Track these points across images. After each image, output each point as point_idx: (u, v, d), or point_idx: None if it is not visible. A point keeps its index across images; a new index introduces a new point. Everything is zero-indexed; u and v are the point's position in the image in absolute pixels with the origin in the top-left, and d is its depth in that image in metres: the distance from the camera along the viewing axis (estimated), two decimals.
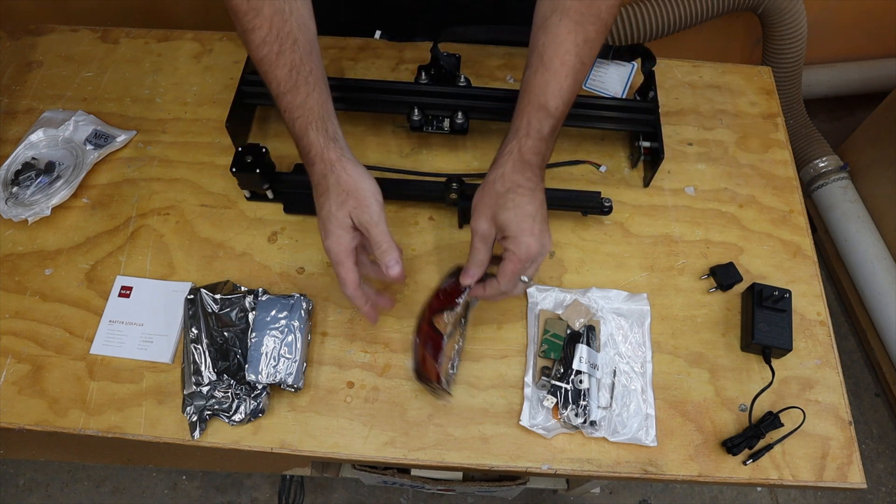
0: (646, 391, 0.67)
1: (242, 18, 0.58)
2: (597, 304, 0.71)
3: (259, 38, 0.58)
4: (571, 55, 0.59)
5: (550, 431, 0.64)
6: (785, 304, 0.69)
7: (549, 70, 0.59)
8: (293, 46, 0.59)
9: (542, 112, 0.59)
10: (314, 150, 0.59)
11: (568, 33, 0.59)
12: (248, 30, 0.58)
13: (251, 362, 0.65)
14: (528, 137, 0.59)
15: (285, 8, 0.58)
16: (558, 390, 0.65)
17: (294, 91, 0.59)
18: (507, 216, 0.58)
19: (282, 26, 0.58)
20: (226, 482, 1.44)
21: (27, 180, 0.78)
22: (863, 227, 1.54)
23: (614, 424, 0.65)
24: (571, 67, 0.59)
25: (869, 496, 1.45)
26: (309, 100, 0.59)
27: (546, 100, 0.59)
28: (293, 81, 0.59)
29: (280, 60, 0.58)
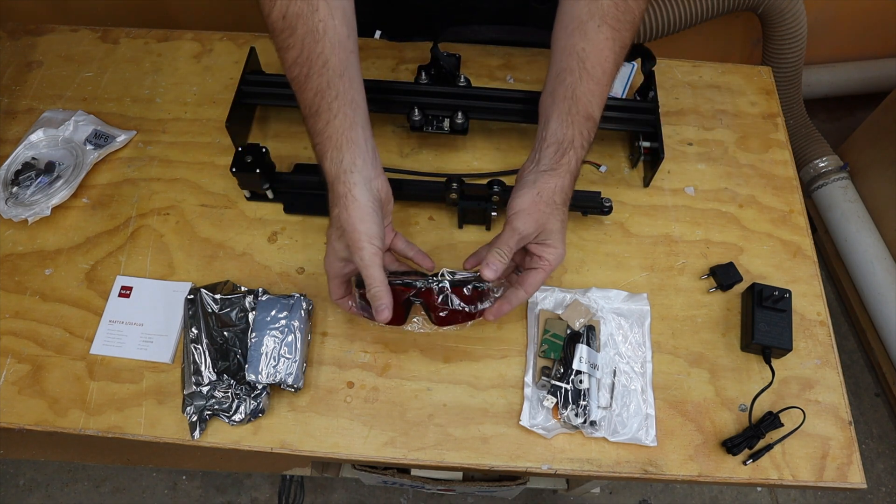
0: (646, 391, 0.67)
1: (278, 36, 0.58)
2: (597, 304, 0.71)
3: (291, 58, 0.58)
4: (611, 63, 0.60)
5: (550, 431, 0.64)
6: (785, 304, 0.69)
7: (593, 79, 0.60)
8: (322, 69, 0.57)
9: (590, 123, 0.61)
10: (328, 179, 0.60)
11: (607, 40, 0.60)
12: (283, 48, 0.58)
13: (251, 362, 0.65)
14: (581, 149, 0.61)
15: (319, 28, 0.57)
16: (558, 390, 0.65)
17: (315, 117, 0.59)
18: (555, 227, 0.60)
19: (313, 47, 0.57)
20: (226, 482, 1.45)
21: (27, 180, 0.78)
22: (863, 227, 1.54)
23: (614, 424, 0.65)
24: (611, 76, 0.61)
25: (869, 496, 1.45)
26: (328, 127, 0.58)
27: (593, 110, 0.61)
28: (316, 107, 0.58)
29: (307, 84, 0.58)
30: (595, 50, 0.60)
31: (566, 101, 0.61)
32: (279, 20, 0.57)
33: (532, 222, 0.60)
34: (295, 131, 0.84)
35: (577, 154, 0.60)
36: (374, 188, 0.59)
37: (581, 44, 0.60)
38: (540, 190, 0.59)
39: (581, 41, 0.60)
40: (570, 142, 0.60)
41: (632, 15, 0.60)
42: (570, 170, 0.60)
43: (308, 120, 0.60)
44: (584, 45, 0.60)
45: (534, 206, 0.59)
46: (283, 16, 0.57)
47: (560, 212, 0.60)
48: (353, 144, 0.59)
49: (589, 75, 0.60)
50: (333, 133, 0.58)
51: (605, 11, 0.60)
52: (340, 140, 0.58)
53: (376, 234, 0.58)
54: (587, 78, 0.60)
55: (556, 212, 0.60)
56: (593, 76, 0.60)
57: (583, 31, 0.60)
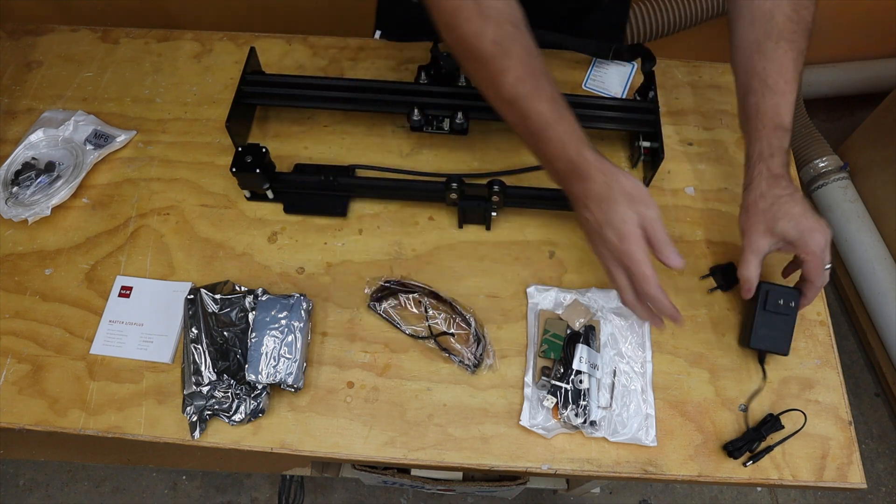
0: (646, 391, 0.67)
1: (490, 62, 0.58)
2: (597, 303, 0.71)
3: (514, 77, 0.58)
4: (792, 71, 0.65)
5: (550, 431, 0.64)
6: (789, 310, 0.68)
7: (776, 93, 0.65)
8: (548, 79, 0.60)
9: (779, 131, 0.65)
10: (592, 166, 0.60)
11: (785, 53, 0.65)
12: (499, 73, 0.59)
13: (251, 362, 0.65)
14: (772, 157, 0.65)
15: (530, 44, 0.59)
16: (558, 390, 0.65)
17: (557, 121, 0.60)
18: (783, 225, 0.63)
19: (532, 62, 0.59)
20: (226, 482, 1.45)
21: (27, 180, 0.78)
22: (863, 227, 1.54)
23: (614, 424, 0.65)
24: (795, 83, 0.65)
25: (869, 496, 1.45)
26: (573, 124, 0.60)
27: (781, 119, 0.65)
28: (557, 112, 0.60)
29: (540, 95, 0.59)
30: (775, 67, 0.65)
31: (752, 121, 0.66)
32: (491, 47, 0.58)
33: (753, 234, 0.65)
34: (295, 131, 0.84)
35: (768, 162, 0.65)
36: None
37: (761, 63, 0.65)
38: (747, 206, 0.66)
39: (761, 61, 0.65)
40: (758, 155, 0.66)
41: (805, 23, 0.65)
42: (763, 177, 0.65)
43: (547, 129, 0.60)
44: (764, 64, 0.65)
45: (748, 222, 0.66)
46: (494, 42, 0.57)
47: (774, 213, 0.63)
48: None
49: (771, 90, 0.65)
50: (580, 128, 0.61)
51: (780, 28, 0.64)
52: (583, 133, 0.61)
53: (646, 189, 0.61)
54: (769, 93, 0.65)
55: (770, 215, 0.64)
56: (776, 90, 0.65)
57: (761, 51, 0.65)
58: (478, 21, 0.57)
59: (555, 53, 0.90)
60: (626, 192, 0.60)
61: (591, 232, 0.63)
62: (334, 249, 0.75)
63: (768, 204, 0.64)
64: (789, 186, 0.65)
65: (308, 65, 0.89)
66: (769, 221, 0.64)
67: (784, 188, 0.64)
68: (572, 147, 0.60)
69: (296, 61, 0.90)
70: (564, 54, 0.90)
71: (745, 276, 0.66)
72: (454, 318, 0.70)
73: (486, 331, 0.69)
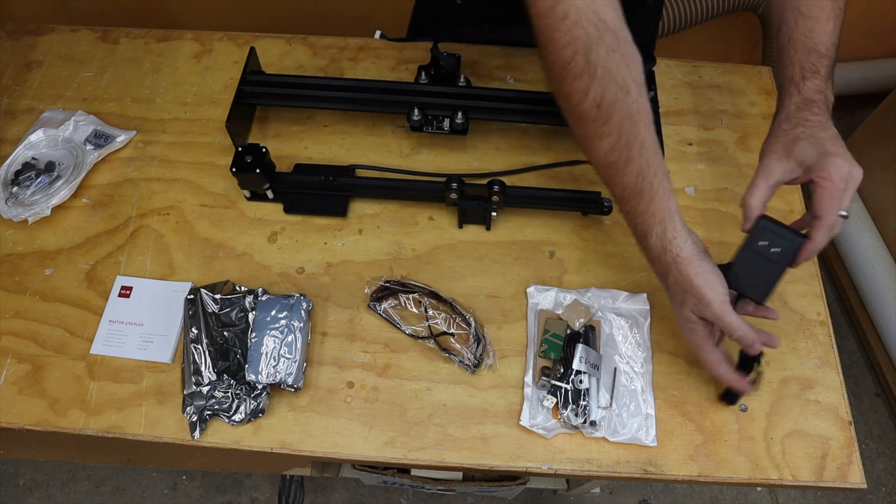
0: (646, 391, 0.67)
1: (590, 125, 0.56)
2: (597, 303, 0.71)
3: (608, 145, 0.56)
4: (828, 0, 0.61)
5: (550, 431, 0.64)
6: (781, 257, 0.59)
7: (809, 18, 0.61)
8: (641, 150, 0.56)
9: (813, 55, 0.61)
10: (653, 254, 0.60)
11: None
12: (597, 137, 0.56)
13: (251, 362, 0.65)
14: (804, 80, 0.61)
15: (633, 109, 0.55)
16: (558, 390, 0.65)
17: (637, 198, 0.58)
18: (802, 147, 0.58)
19: (631, 130, 0.55)
20: (226, 482, 1.44)
21: (27, 180, 0.78)
22: (863, 227, 1.54)
23: (614, 424, 0.65)
24: (831, 11, 0.61)
25: (869, 496, 1.45)
26: (651, 205, 0.58)
27: (815, 43, 0.61)
28: (637, 189, 0.57)
29: (628, 168, 0.57)
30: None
31: (785, 50, 0.63)
32: (593, 109, 0.55)
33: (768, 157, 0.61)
34: (295, 131, 0.84)
35: (799, 86, 0.61)
36: (692, 244, 0.59)
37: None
38: (770, 132, 0.62)
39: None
40: (790, 80, 0.62)
41: None
42: (792, 99, 0.61)
43: (628, 202, 0.59)
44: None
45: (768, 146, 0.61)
46: (597, 104, 0.54)
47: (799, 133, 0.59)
48: (674, 213, 0.59)
49: (804, 17, 0.61)
50: (657, 210, 0.58)
51: None
52: (663, 214, 0.58)
53: (716, 281, 0.58)
54: (802, 19, 0.62)
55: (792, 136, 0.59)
56: (809, 16, 0.61)
57: None
58: (584, 79, 0.53)
59: None
60: (680, 287, 0.59)
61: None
62: (334, 249, 0.75)
63: (792, 125, 0.60)
64: (821, 114, 0.60)
65: (308, 65, 0.90)
66: (789, 143, 0.59)
67: (815, 114, 0.59)
68: (640, 229, 0.59)
69: (296, 61, 0.90)
70: None
71: (747, 203, 0.61)
72: (454, 318, 0.70)
73: (486, 331, 0.69)
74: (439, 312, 0.70)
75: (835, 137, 0.58)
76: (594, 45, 0.52)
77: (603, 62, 0.53)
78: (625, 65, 0.54)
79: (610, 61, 0.53)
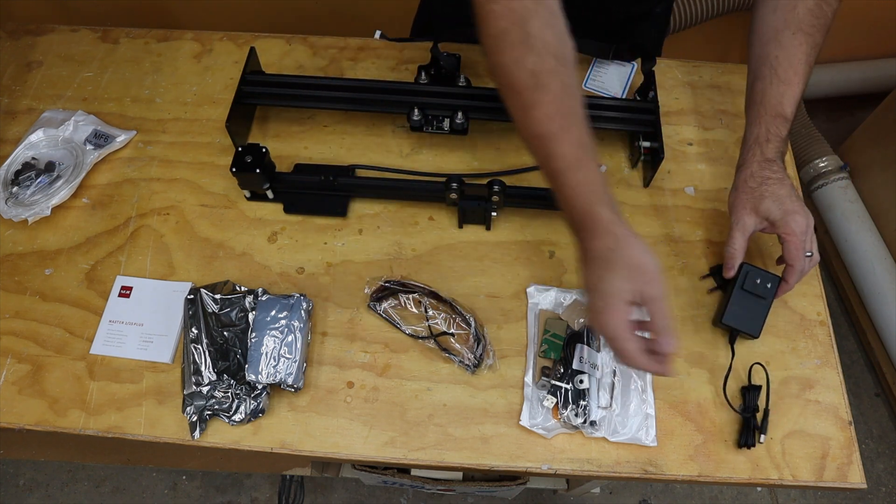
0: (646, 391, 0.67)
1: (523, 93, 0.56)
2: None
3: (543, 114, 0.56)
4: (803, 65, 0.66)
5: (550, 431, 0.64)
6: (767, 292, 0.68)
7: (783, 82, 0.66)
8: (579, 122, 0.57)
9: (779, 119, 0.67)
10: (601, 225, 0.57)
11: (800, 45, 0.66)
12: (531, 105, 0.56)
13: (251, 362, 0.65)
14: (768, 143, 0.67)
15: (570, 82, 0.56)
16: (558, 390, 0.65)
17: (577, 167, 0.57)
18: (768, 204, 0.65)
19: (568, 101, 0.56)
20: (226, 482, 1.44)
21: (27, 180, 0.78)
22: (863, 227, 1.54)
23: (614, 424, 0.65)
24: (803, 76, 0.67)
25: (869, 496, 1.45)
26: (593, 174, 0.57)
27: (783, 109, 0.67)
28: (578, 158, 0.57)
29: (566, 137, 0.56)
30: (787, 56, 0.67)
31: (756, 106, 0.68)
32: (528, 78, 0.55)
33: (740, 212, 0.67)
34: (295, 131, 0.84)
35: (763, 147, 0.67)
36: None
37: (775, 52, 0.67)
38: (737, 185, 0.68)
39: (775, 49, 0.67)
40: (755, 139, 0.68)
41: (826, 18, 0.66)
42: (756, 158, 0.67)
43: (566, 172, 0.57)
44: (777, 52, 0.67)
45: (737, 200, 0.68)
46: (532, 73, 0.55)
47: (761, 192, 0.66)
48: (610, 190, 0.59)
49: (779, 79, 0.66)
50: (598, 179, 0.58)
51: (800, 19, 0.66)
52: (604, 185, 0.58)
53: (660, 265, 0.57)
54: (777, 81, 0.66)
55: (758, 193, 0.66)
56: (784, 79, 0.66)
57: (777, 40, 0.67)
58: (520, 49, 0.55)
59: None
60: (631, 263, 0.56)
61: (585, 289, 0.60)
62: (334, 249, 0.75)
63: (757, 183, 0.66)
64: (779, 171, 0.67)
65: (308, 65, 0.90)
66: (755, 200, 0.66)
67: (774, 171, 0.66)
68: (586, 199, 0.57)
69: (296, 61, 0.90)
70: None
71: (729, 253, 0.68)
72: (454, 318, 0.70)
73: (486, 331, 0.69)
74: (439, 312, 0.70)
75: (792, 192, 0.66)
76: (531, 17, 0.54)
77: (539, 33, 0.55)
78: (562, 40, 0.56)
79: (546, 34, 0.55)
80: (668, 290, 0.62)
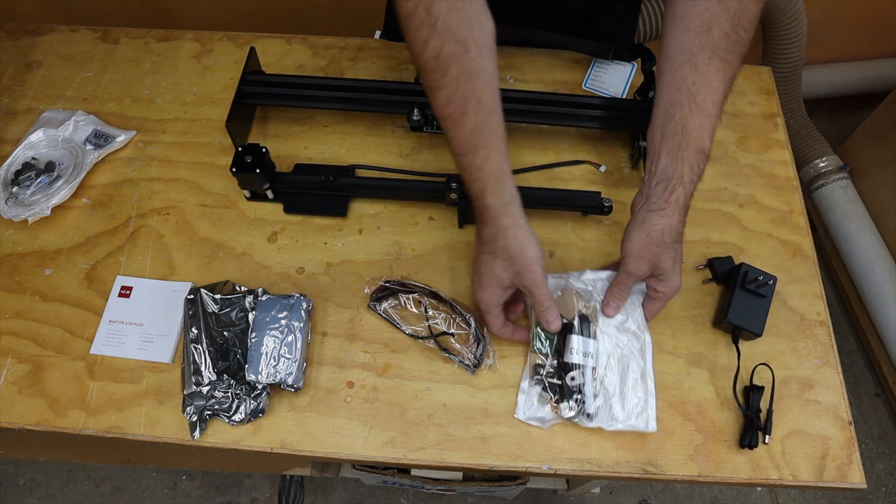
0: (645, 376, 0.65)
1: (430, 76, 0.58)
2: (593, 286, 0.69)
3: (444, 97, 0.58)
4: (720, 94, 0.61)
5: (546, 423, 0.64)
6: (767, 291, 0.69)
7: (703, 113, 0.61)
8: (476, 107, 0.58)
9: (700, 156, 0.61)
10: (489, 214, 0.61)
11: (717, 72, 0.60)
12: (434, 87, 0.58)
13: (251, 362, 0.65)
14: (691, 184, 0.62)
15: (472, 67, 0.57)
16: (554, 385, 0.64)
17: (473, 153, 0.59)
18: (668, 265, 0.63)
19: (467, 86, 0.57)
20: (226, 482, 1.45)
21: (27, 180, 0.78)
22: (863, 227, 1.54)
23: (612, 412, 0.64)
24: (721, 106, 0.62)
25: (869, 496, 1.45)
26: (487, 163, 0.59)
27: (704, 143, 0.61)
28: (473, 144, 0.59)
29: (463, 122, 0.58)
30: (705, 83, 0.60)
31: (676, 137, 0.61)
32: (432, 60, 0.57)
33: (644, 264, 0.63)
34: (295, 131, 0.84)
35: (687, 189, 0.61)
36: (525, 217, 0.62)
37: (691, 77, 0.61)
38: (649, 232, 0.62)
39: (691, 74, 0.61)
40: (679, 177, 0.61)
41: (742, 45, 0.61)
42: (678, 207, 0.61)
43: (464, 156, 0.60)
44: (694, 78, 0.61)
45: (644, 249, 0.62)
46: (435, 56, 0.56)
47: (671, 249, 0.63)
48: (509, 178, 0.61)
49: (699, 109, 0.61)
50: (493, 169, 0.60)
51: (716, 44, 0.60)
52: (499, 175, 0.60)
53: (540, 254, 0.62)
54: (697, 112, 0.61)
55: (667, 251, 0.62)
56: (703, 110, 0.61)
57: (693, 64, 0.61)
58: (425, 31, 0.56)
59: (555, 53, 0.90)
60: (510, 254, 0.61)
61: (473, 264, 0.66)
62: (334, 249, 0.75)
63: (672, 239, 0.62)
64: (684, 221, 0.63)
65: (308, 65, 0.90)
66: (660, 256, 0.63)
67: (684, 225, 0.63)
68: (478, 186, 0.61)
69: (296, 61, 0.90)
70: (564, 54, 0.90)
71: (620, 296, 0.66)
72: (454, 318, 0.70)
73: (486, 331, 0.69)
74: (439, 312, 0.70)
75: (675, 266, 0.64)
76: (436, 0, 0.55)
77: (443, 17, 0.55)
78: (468, 24, 0.56)
79: (451, 17, 0.55)
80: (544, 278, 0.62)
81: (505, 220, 0.60)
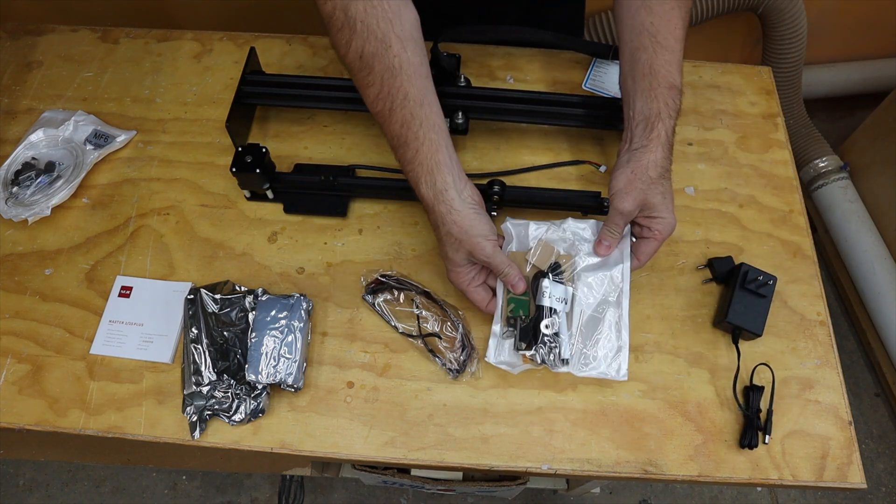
0: (620, 323, 0.64)
1: (357, 75, 0.60)
2: (574, 235, 0.67)
3: (373, 94, 0.60)
4: (680, 29, 0.64)
5: (515, 367, 0.64)
6: (767, 291, 0.69)
7: (667, 49, 0.63)
8: (403, 102, 0.59)
9: (673, 91, 0.64)
10: (426, 203, 0.63)
11: (673, 10, 0.64)
12: (363, 86, 0.60)
13: (251, 362, 0.65)
14: (669, 119, 0.63)
15: (395, 63, 0.58)
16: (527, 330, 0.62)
17: (404, 147, 0.61)
18: (658, 200, 0.63)
19: (392, 82, 0.59)
20: (226, 482, 1.45)
21: (27, 180, 0.78)
22: (863, 227, 1.54)
23: (584, 358, 0.63)
24: (683, 41, 0.64)
25: (869, 496, 1.45)
26: (418, 155, 0.61)
27: (674, 78, 0.64)
28: (403, 138, 0.61)
29: (392, 118, 0.60)
30: (664, 22, 0.63)
31: (646, 78, 0.64)
32: (356, 60, 0.59)
33: (631, 200, 0.63)
34: (295, 131, 0.84)
35: (666, 124, 0.63)
36: (467, 197, 0.63)
37: (649, 19, 0.64)
38: (634, 168, 0.63)
39: (648, 16, 0.64)
40: (656, 114, 0.63)
41: None
42: (661, 142, 0.63)
43: (397, 150, 0.63)
44: (651, 19, 0.64)
45: (630, 185, 0.63)
46: (359, 56, 0.58)
47: (658, 185, 0.63)
48: (442, 166, 0.61)
49: (662, 47, 0.63)
50: (424, 160, 0.61)
51: None
52: (430, 165, 0.61)
53: (488, 230, 0.62)
54: (661, 50, 0.63)
55: (654, 185, 0.63)
56: (667, 47, 0.63)
57: (648, 7, 0.64)
58: (345, 32, 0.58)
59: (555, 53, 0.90)
60: (453, 237, 0.62)
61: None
62: (334, 249, 0.75)
63: (657, 174, 0.63)
64: (671, 159, 0.64)
65: (308, 65, 0.90)
66: (647, 192, 0.63)
67: (670, 161, 0.64)
68: (413, 177, 0.62)
69: (296, 61, 0.90)
70: (564, 54, 0.90)
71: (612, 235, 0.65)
72: (445, 321, 0.70)
73: (472, 337, 0.69)
74: (431, 314, 0.70)
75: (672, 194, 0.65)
76: (352, 0, 0.56)
77: (361, 16, 0.57)
78: (386, 20, 0.57)
79: (368, 16, 0.57)
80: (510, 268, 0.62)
81: (441, 208, 0.61)
